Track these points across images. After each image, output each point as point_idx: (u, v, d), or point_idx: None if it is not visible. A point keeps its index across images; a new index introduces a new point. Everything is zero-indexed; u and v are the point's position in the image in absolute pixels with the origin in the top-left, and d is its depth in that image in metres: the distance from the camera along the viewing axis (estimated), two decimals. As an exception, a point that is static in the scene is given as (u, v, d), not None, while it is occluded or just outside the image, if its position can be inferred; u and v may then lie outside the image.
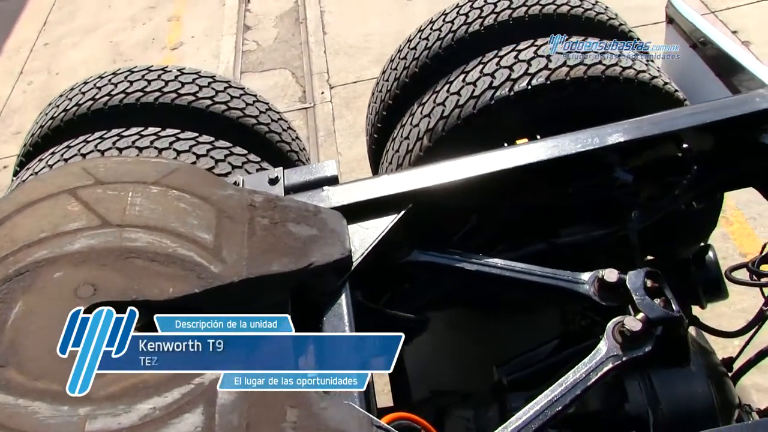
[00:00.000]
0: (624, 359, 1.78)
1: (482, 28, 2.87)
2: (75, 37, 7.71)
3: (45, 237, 1.76)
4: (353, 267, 1.88)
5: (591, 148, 2.13)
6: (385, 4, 6.95)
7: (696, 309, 2.90)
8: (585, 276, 2.01)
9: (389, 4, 6.94)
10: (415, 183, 2.07)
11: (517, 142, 2.44)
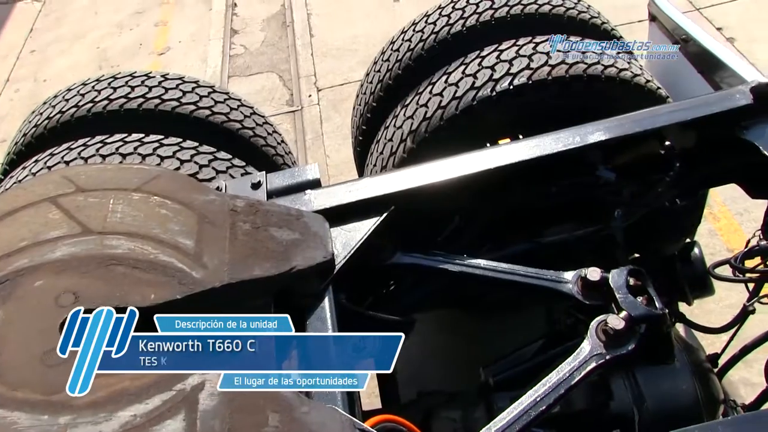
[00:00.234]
0: (607, 358, 1.79)
1: (464, 29, 2.87)
2: (62, 44, 7.67)
3: (25, 245, 1.75)
4: (336, 270, 1.88)
5: (572, 147, 2.13)
6: (372, 6, 6.95)
7: (688, 305, 2.92)
8: (568, 275, 2.01)
9: (376, 6, 6.94)
10: (397, 185, 2.07)
11: (500, 142, 2.44)
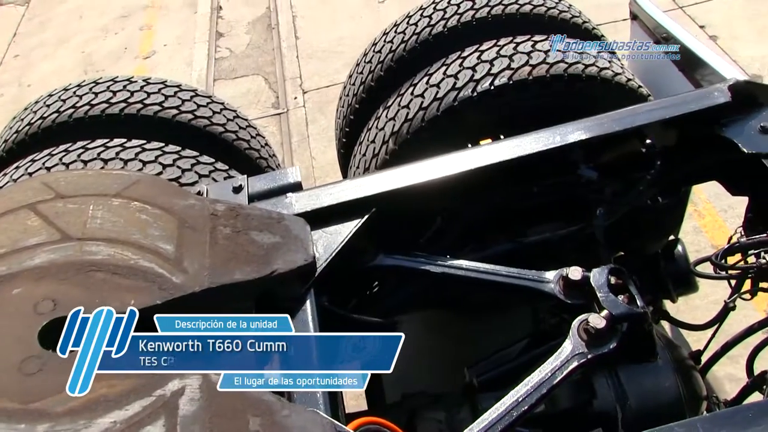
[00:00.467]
0: (589, 357, 1.79)
1: (446, 30, 2.88)
2: (46, 49, 7.63)
3: (3, 253, 1.74)
4: (317, 273, 1.88)
5: (553, 147, 2.14)
6: (357, 8, 6.94)
7: (672, 303, 2.93)
8: (550, 275, 2.02)
9: (361, 7, 6.93)
10: (378, 187, 2.07)
11: (481, 143, 2.44)
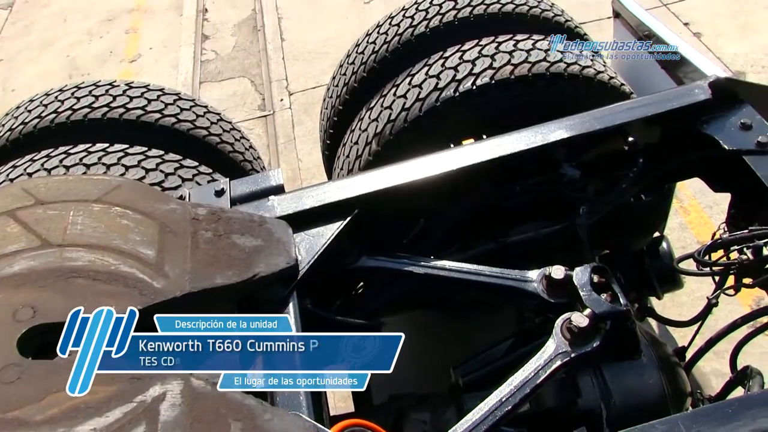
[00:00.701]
0: (572, 356, 1.80)
1: (428, 30, 2.88)
2: (30, 52, 7.59)
3: (-17, 261, 1.73)
4: (300, 276, 1.88)
5: (535, 146, 2.14)
6: (343, 9, 6.93)
7: (658, 300, 2.94)
8: (533, 274, 2.02)
9: (346, 8, 6.92)
10: (361, 188, 2.07)
11: (464, 143, 2.44)
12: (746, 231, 2.05)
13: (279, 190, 2.13)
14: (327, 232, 1.99)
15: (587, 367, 1.98)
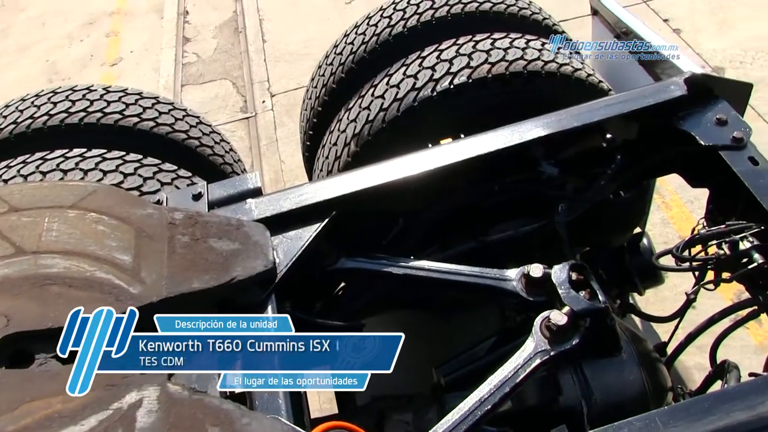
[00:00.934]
0: (552, 354, 1.80)
1: (405, 30, 2.87)
2: (8, 57, 7.51)
3: (-44, 269, 1.71)
4: (278, 278, 1.87)
5: (513, 144, 2.14)
6: (324, 10, 6.92)
7: (639, 295, 2.95)
8: (512, 273, 2.02)
9: (328, 9, 6.91)
10: (338, 190, 2.06)
11: (441, 143, 2.44)
12: (723, 226, 2.06)
13: (257, 193, 2.12)
14: (305, 235, 1.98)
15: (567, 365, 1.99)
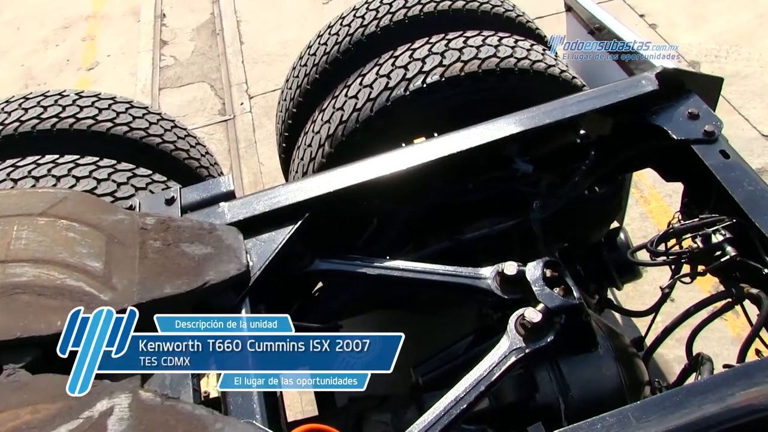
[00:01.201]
0: (527, 351, 1.80)
1: (378, 30, 2.86)
2: (-18, 62, 7.47)
3: None
4: (252, 282, 1.86)
5: (485, 142, 2.14)
6: (302, 10, 6.90)
7: (618, 290, 2.96)
8: (486, 271, 2.02)
9: (305, 9, 6.89)
10: (312, 191, 2.05)
11: (415, 142, 2.43)
12: (696, 219, 2.07)
13: (230, 196, 2.11)
14: (279, 237, 1.97)
15: (544, 362, 1.99)
